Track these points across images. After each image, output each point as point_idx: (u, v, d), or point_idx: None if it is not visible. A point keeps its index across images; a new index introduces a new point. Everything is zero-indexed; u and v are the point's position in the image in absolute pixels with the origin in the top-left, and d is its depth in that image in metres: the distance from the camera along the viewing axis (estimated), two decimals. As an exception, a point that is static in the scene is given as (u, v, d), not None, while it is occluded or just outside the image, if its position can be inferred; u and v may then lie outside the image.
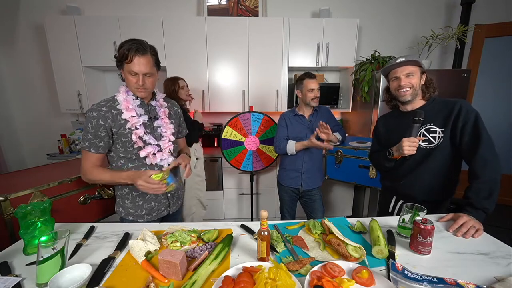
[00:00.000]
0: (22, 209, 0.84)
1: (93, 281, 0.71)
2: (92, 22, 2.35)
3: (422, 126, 1.15)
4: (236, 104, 2.61)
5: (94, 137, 1.05)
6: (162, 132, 1.17)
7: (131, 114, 1.07)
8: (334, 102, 2.70)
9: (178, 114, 1.32)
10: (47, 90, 2.77)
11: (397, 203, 1.29)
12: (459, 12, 2.63)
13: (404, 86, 1.14)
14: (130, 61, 1.01)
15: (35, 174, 1.40)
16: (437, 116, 1.14)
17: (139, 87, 1.06)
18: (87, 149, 1.06)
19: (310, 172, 1.79)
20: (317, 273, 0.71)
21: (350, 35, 2.51)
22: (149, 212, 1.18)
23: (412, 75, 1.14)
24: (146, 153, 1.11)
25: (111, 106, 1.07)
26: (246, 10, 2.72)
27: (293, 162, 1.80)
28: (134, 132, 1.08)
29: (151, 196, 1.17)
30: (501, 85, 2.87)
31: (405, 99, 1.17)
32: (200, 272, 0.72)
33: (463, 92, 2.33)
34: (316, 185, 1.84)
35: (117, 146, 1.10)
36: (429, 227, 0.81)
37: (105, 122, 1.04)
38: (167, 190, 1.07)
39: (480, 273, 0.73)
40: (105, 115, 1.04)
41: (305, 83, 1.70)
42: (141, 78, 1.04)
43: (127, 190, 1.16)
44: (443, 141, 1.12)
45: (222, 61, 2.51)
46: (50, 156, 2.55)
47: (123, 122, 1.07)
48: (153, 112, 1.17)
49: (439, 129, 1.12)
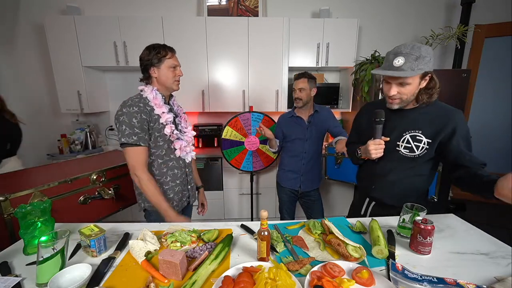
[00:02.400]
0: (22, 209, 0.84)
1: (93, 281, 0.71)
2: (92, 22, 2.35)
3: (409, 131, 1.03)
4: (236, 104, 2.61)
5: (141, 131, 1.09)
6: (182, 128, 1.29)
7: (163, 110, 1.16)
8: (334, 102, 2.70)
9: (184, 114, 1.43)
10: (47, 90, 2.77)
11: (370, 206, 1.22)
12: (459, 12, 2.63)
13: (393, 97, 1.00)
14: (172, 56, 1.17)
15: (35, 174, 1.40)
16: (428, 125, 1.01)
17: (178, 79, 1.21)
18: (138, 143, 1.08)
19: (309, 173, 1.78)
20: (317, 273, 0.71)
21: (350, 35, 2.51)
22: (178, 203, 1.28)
23: (407, 85, 0.95)
24: (180, 145, 1.21)
25: (145, 103, 1.13)
26: (246, 10, 2.72)
27: (292, 163, 1.79)
28: (167, 126, 1.16)
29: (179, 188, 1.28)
30: (501, 85, 2.87)
31: (391, 107, 1.03)
32: (200, 272, 0.72)
33: (463, 92, 2.33)
34: (314, 186, 1.83)
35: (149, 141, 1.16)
36: (429, 227, 0.81)
37: (147, 116, 1.11)
38: None
39: (480, 273, 0.73)
40: (144, 110, 1.11)
41: (294, 83, 1.71)
42: (179, 70, 1.21)
43: (158, 185, 1.19)
44: (426, 154, 1.02)
45: (222, 61, 2.51)
46: (50, 156, 2.55)
47: (156, 118, 1.15)
48: (173, 110, 1.28)
49: (425, 139, 1.01)
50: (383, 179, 1.13)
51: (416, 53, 0.90)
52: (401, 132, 1.05)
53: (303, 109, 1.75)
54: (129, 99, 1.14)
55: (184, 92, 2.46)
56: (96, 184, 1.41)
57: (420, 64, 0.91)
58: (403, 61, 0.91)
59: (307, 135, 1.72)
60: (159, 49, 1.14)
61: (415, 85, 0.96)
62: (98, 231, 0.85)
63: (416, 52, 0.90)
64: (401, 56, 0.91)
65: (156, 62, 1.15)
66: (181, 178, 1.28)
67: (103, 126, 2.92)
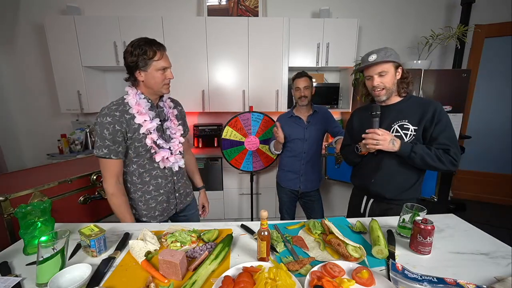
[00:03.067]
0: (22, 209, 0.84)
1: (93, 281, 0.71)
2: (92, 22, 2.35)
3: (396, 121, 1.15)
4: (236, 104, 2.61)
5: (112, 143, 1.01)
6: (171, 134, 1.18)
7: (144, 119, 1.06)
8: (334, 102, 2.70)
9: (183, 114, 1.34)
10: (47, 90, 2.77)
11: (368, 203, 1.28)
12: (459, 12, 2.63)
13: (377, 87, 1.13)
14: (160, 57, 1.03)
15: (35, 174, 1.40)
16: (412, 114, 1.13)
17: (167, 82, 1.08)
18: (107, 156, 1.02)
19: (309, 174, 1.77)
20: (317, 273, 0.71)
21: (350, 35, 2.51)
22: (161, 213, 1.21)
23: (386, 73, 1.11)
24: (161, 158, 1.11)
25: (124, 111, 1.03)
26: (246, 10, 2.72)
27: (292, 164, 1.78)
28: (148, 137, 1.07)
29: (163, 198, 1.19)
30: (501, 85, 2.87)
31: (380, 99, 1.17)
32: (200, 272, 0.72)
33: (463, 92, 2.33)
34: (314, 187, 1.82)
35: (129, 152, 1.08)
36: (429, 227, 0.81)
37: (121, 127, 1.02)
38: None
39: (480, 273, 0.73)
40: (119, 120, 1.01)
41: (294, 82, 1.69)
42: (170, 72, 1.08)
43: (140, 193, 1.16)
44: (414, 139, 1.12)
45: (222, 61, 2.51)
46: (50, 156, 2.55)
47: (136, 127, 1.05)
48: (162, 114, 1.17)
49: (412, 127, 1.12)
50: (381, 172, 1.20)
51: (383, 50, 1.12)
52: (390, 124, 1.16)
53: (302, 109, 1.74)
54: (107, 106, 1.03)
55: (184, 92, 2.46)
56: (96, 184, 1.41)
57: (389, 57, 1.11)
58: (376, 56, 1.11)
59: (307, 135, 1.71)
60: (145, 49, 1.00)
61: (391, 74, 1.13)
62: (98, 231, 0.85)
63: (383, 50, 1.12)
64: (373, 53, 1.12)
65: (142, 66, 1.02)
66: (166, 187, 1.19)
67: (103, 126, 2.91)
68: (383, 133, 1.10)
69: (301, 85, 1.66)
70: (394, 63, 1.12)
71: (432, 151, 1.07)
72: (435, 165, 1.07)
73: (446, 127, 1.08)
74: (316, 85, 2.62)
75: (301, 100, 1.68)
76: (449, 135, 1.08)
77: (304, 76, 1.67)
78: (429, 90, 2.34)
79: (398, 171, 1.17)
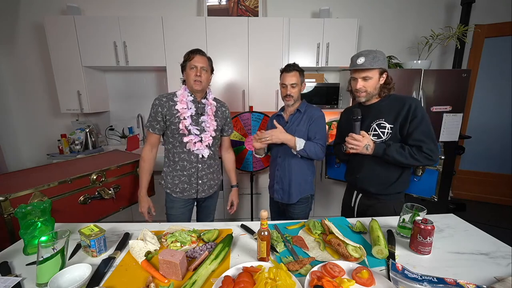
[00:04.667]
0: (22, 209, 0.84)
1: (93, 281, 0.71)
2: (92, 22, 2.35)
3: (375, 120, 1.21)
4: (236, 104, 2.61)
5: (153, 120, 1.33)
6: (205, 127, 1.37)
7: (183, 106, 1.31)
8: (334, 102, 2.69)
9: (226, 115, 1.52)
10: (47, 90, 2.77)
11: (357, 198, 1.34)
12: (459, 12, 2.62)
13: (359, 90, 1.20)
14: (192, 59, 1.29)
15: (35, 174, 1.40)
16: (388, 112, 1.18)
17: (196, 78, 1.28)
18: (148, 128, 1.36)
19: (285, 183, 1.48)
20: (317, 273, 0.72)
21: (350, 35, 2.51)
22: (181, 191, 1.41)
23: (369, 79, 1.17)
24: (189, 139, 1.32)
25: (170, 98, 1.33)
26: (246, 10, 2.72)
27: (271, 169, 1.57)
28: (182, 122, 1.30)
29: (185, 179, 1.39)
30: (501, 85, 2.87)
31: (360, 100, 1.25)
32: (200, 272, 0.72)
33: (463, 92, 2.33)
34: (289, 201, 1.47)
35: (167, 132, 1.36)
36: (429, 227, 0.81)
37: (162, 109, 1.31)
38: None
39: (480, 273, 0.73)
40: (163, 104, 1.31)
41: (281, 77, 1.44)
42: (199, 69, 1.28)
43: (170, 169, 1.40)
44: (391, 137, 1.17)
45: (222, 61, 2.50)
46: (50, 156, 2.55)
47: (175, 113, 1.31)
48: (202, 109, 1.38)
49: (388, 125, 1.17)
50: (364, 168, 1.27)
51: (372, 54, 1.15)
52: (369, 123, 1.23)
53: (288, 108, 1.52)
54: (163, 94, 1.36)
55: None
56: (96, 184, 1.41)
57: (376, 63, 1.15)
58: (364, 59, 1.14)
59: None
60: (186, 54, 1.31)
61: (375, 80, 1.18)
62: (98, 231, 0.85)
63: (372, 54, 1.15)
64: (362, 56, 1.15)
65: (184, 67, 1.33)
66: (189, 171, 1.38)
67: (103, 126, 2.91)
68: (359, 138, 1.17)
69: (287, 81, 1.40)
70: (380, 69, 1.16)
71: (405, 150, 1.12)
72: (409, 163, 1.13)
73: (421, 123, 1.11)
74: (316, 85, 2.62)
75: (287, 99, 1.44)
76: (423, 130, 1.11)
77: (293, 70, 1.40)
78: (429, 90, 2.34)
79: (380, 167, 1.22)
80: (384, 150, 1.15)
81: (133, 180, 1.60)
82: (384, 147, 1.15)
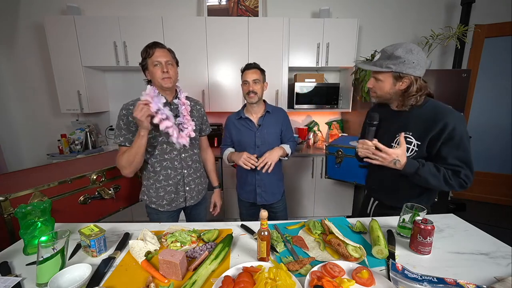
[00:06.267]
0: (22, 209, 0.84)
1: (93, 281, 0.71)
2: (92, 22, 2.35)
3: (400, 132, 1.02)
4: (236, 104, 2.61)
5: (127, 132, 1.16)
6: (183, 128, 1.23)
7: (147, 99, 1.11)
8: (334, 102, 2.69)
9: (201, 113, 1.40)
10: (47, 90, 2.77)
11: (373, 205, 1.25)
12: (459, 12, 2.62)
13: (371, 89, 1.07)
14: (152, 54, 1.12)
15: (35, 174, 1.40)
16: (417, 126, 1.00)
17: (164, 76, 1.13)
18: (123, 144, 1.16)
19: (267, 185, 1.50)
20: (317, 273, 0.72)
21: (350, 35, 2.51)
22: (169, 203, 1.28)
23: (379, 81, 1.00)
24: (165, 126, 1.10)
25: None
26: (246, 10, 2.72)
27: (246, 175, 1.51)
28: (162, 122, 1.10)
29: (172, 189, 1.27)
30: (501, 85, 2.87)
31: (373, 100, 1.13)
32: (200, 272, 0.72)
33: (463, 92, 2.33)
34: (274, 199, 1.55)
35: None
36: (429, 227, 0.81)
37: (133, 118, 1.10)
38: None
39: (480, 273, 0.73)
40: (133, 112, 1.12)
41: (242, 75, 1.41)
42: (164, 64, 1.13)
43: (152, 181, 1.26)
44: (416, 155, 1.01)
45: (222, 61, 2.51)
46: (50, 156, 2.55)
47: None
48: (175, 110, 1.24)
49: (415, 141, 1.00)
50: (381, 181, 1.16)
51: (390, 51, 0.94)
52: (394, 132, 1.06)
53: (253, 109, 1.47)
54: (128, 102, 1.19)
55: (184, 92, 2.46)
56: (96, 184, 1.41)
57: (390, 63, 0.95)
58: (378, 56, 0.98)
59: (258, 141, 1.44)
60: (144, 51, 1.14)
61: (387, 84, 0.99)
62: (98, 231, 0.85)
63: (391, 50, 0.95)
64: (379, 53, 0.99)
65: (145, 65, 1.17)
66: (175, 179, 1.26)
67: (103, 126, 2.92)
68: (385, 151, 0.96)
69: (249, 77, 1.36)
70: (394, 73, 0.96)
71: (440, 173, 0.96)
72: (440, 186, 0.97)
73: (458, 147, 0.94)
74: (316, 85, 2.62)
75: (249, 96, 1.39)
76: (459, 156, 0.95)
77: (253, 68, 1.39)
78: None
79: (396, 181, 1.08)
80: (417, 169, 0.95)
81: (133, 180, 1.60)
82: (418, 166, 0.95)
